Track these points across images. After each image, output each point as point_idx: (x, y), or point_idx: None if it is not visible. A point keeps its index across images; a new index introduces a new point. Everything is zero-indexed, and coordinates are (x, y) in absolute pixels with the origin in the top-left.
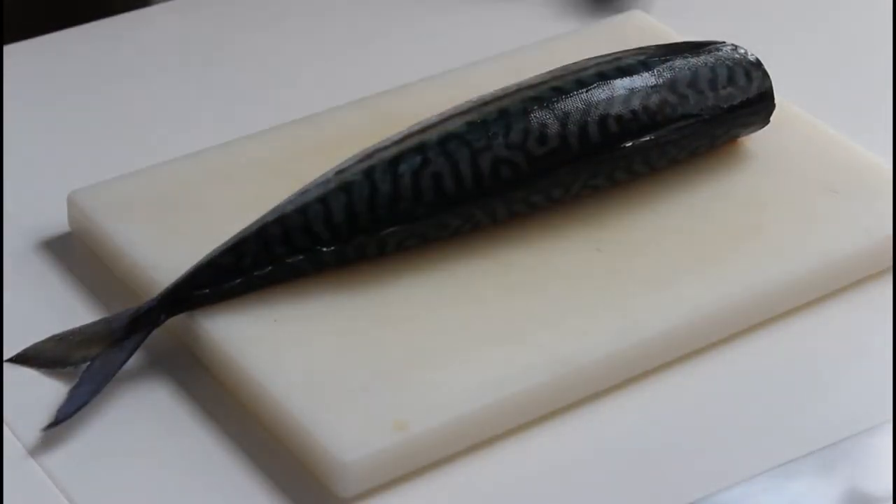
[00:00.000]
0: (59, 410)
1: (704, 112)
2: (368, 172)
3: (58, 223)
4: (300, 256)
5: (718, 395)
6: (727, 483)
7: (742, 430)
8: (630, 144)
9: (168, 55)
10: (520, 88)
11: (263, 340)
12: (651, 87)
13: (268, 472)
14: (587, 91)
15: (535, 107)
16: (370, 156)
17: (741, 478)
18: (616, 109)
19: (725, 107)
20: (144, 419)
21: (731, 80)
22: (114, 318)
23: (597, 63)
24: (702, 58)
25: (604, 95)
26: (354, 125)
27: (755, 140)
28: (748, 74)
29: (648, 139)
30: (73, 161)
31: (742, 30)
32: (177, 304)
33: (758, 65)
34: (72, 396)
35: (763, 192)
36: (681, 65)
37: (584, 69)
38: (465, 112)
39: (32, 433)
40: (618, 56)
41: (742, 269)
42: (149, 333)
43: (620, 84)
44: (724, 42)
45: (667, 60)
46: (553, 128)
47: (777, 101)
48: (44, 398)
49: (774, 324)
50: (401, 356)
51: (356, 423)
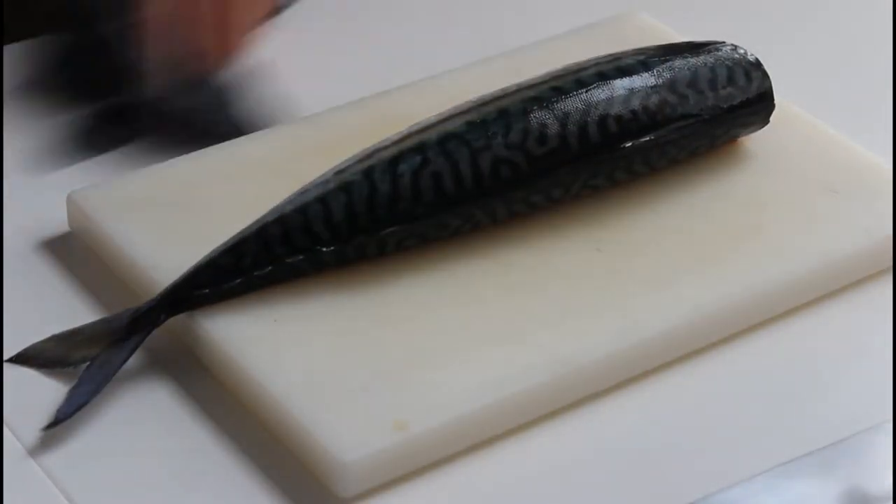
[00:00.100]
0: (59, 410)
1: (704, 112)
2: (368, 172)
3: (58, 223)
4: (300, 256)
5: (718, 395)
6: (727, 483)
7: (742, 430)
8: (630, 144)
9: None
10: (520, 88)
11: (263, 340)
12: (651, 88)
13: (268, 472)
14: (587, 91)
15: (535, 107)
16: (370, 156)
17: (741, 478)
18: (616, 109)
19: (725, 107)
20: (144, 419)
21: (731, 80)
22: (114, 318)
23: (597, 63)
24: (701, 58)
25: (604, 95)
26: (354, 125)
27: (755, 140)
28: (748, 74)
29: (648, 139)
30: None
31: (742, 30)
32: (177, 304)
33: (757, 65)
34: (72, 396)
35: (763, 192)
36: (681, 65)
37: (584, 69)
38: (465, 112)
39: (32, 433)
40: (618, 56)
41: (742, 269)
42: (149, 333)
43: (620, 84)
44: (724, 42)
45: (667, 60)
46: (553, 128)
47: (777, 101)
48: (44, 398)
49: (774, 324)
50: (401, 356)
51: (356, 423)
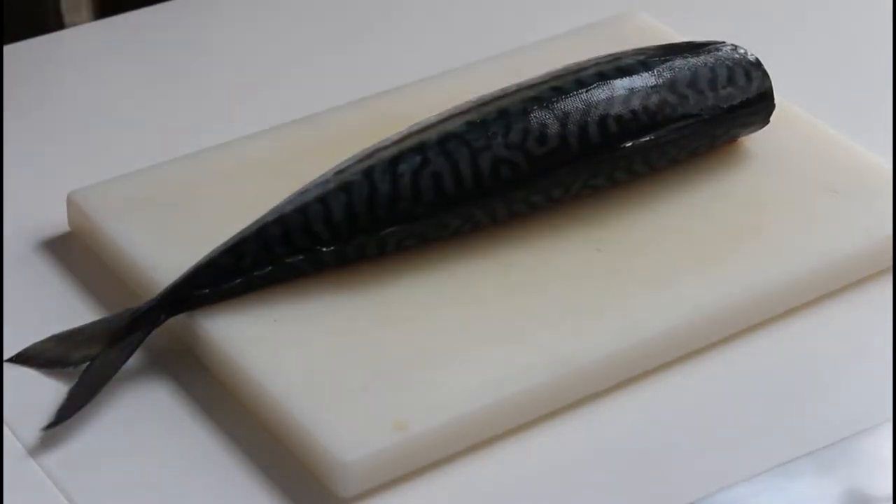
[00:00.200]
0: (59, 410)
1: (704, 112)
2: (368, 172)
3: (58, 223)
4: (300, 256)
5: (718, 395)
6: (727, 483)
7: (742, 430)
8: (630, 144)
9: (168, 55)
10: (520, 88)
11: (263, 340)
12: (651, 87)
13: (268, 472)
14: (587, 91)
15: (535, 107)
16: (370, 156)
17: (741, 478)
18: (616, 109)
19: (725, 107)
20: (144, 419)
21: (731, 80)
22: (114, 318)
23: (597, 63)
24: (702, 58)
25: (604, 95)
26: (354, 125)
27: (755, 140)
28: (748, 74)
29: (648, 139)
30: (73, 161)
31: (742, 30)
32: (177, 304)
33: (758, 65)
34: (72, 396)
35: (763, 192)
36: (681, 65)
37: (584, 69)
38: (465, 112)
39: (32, 433)
40: (618, 56)
41: (742, 269)
42: (149, 333)
43: (620, 84)
44: (724, 42)
45: (667, 60)
46: (553, 128)
47: (777, 101)
48: (44, 398)
49: (774, 324)
50: (401, 356)
51: (356, 423)
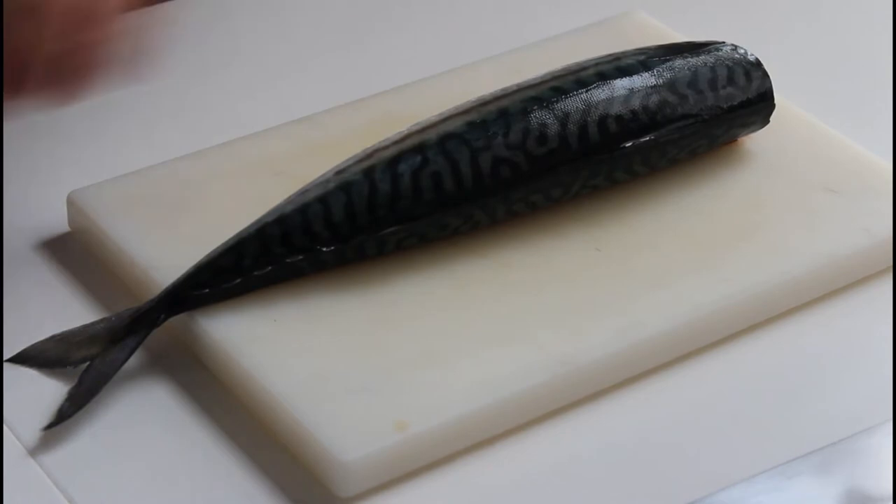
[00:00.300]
0: (59, 410)
1: (704, 112)
2: (368, 172)
3: (58, 223)
4: (300, 256)
5: (718, 395)
6: (727, 483)
7: (742, 430)
8: (630, 144)
9: (168, 55)
10: (520, 88)
11: (263, 340)
12: (651, 87)
13: (268, 472)
14: (587, 91)
15: (535, 107)
16: (370, 156)
17: (741, 478)
18: (616, 109)
19: (725, 107)
20: (144, 419)
21: (731, 81)
22: (114, 318)
23: (597, 63)
24: (702, 58)
25: (604, 95)
26: (354, 125)
27: (755, 140)
28: (748, 74)
29: (648, 139)
30: (73, 161)
31: (742, 30)
32: (177, 304)
33: (758, 65)
34: (72, 396)
35: (763, 192)
36: (681, 65)
37: (584, 69)
38: (465, 112)
39: (32, 433)
40: (618, 56)
41: (742, 269)
42: (149, 333)
43: (620, 84)
44: (724, 42)
45: (667, 60)
46: (553, 128)
47: (777, 101)
48: (44, 398)
49: (774, 324)
50: (401, 356)
51: (356, 423)
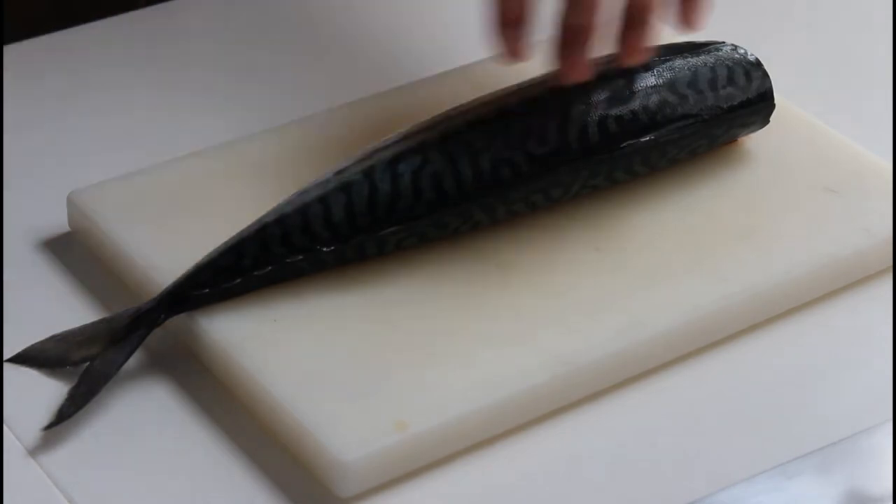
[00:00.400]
0: (59, 410)
1: (704, 112)
2: (368, 172)
3: (58, 223)
4: (300, 256)
5: (718, 395)
6: (727, 483)
7: (742, 430)
8: (630, 144)
9: (168, 55)
10: (520, 88)
11: (263, 340)
12: (651, 87)
13: (268, 472)
14: (587, 91)
15: (535, 107)
16: (370, 156)
17: (741, 478)
18: (616, 109)
19: (725, 107)
20: (144, 419)
21: (731, 80)
22: (114, 318)
23: (597, 63)
24: (702, 58)
25: (604, 95)
26: (354, 125)
27: (755, 140)
28: (748, 74)
29: (648, 139)
30: (73, 161)
31: (742, 30)
32: (177, 304)
33: (758, 65)
34: (72, 396)
35: (763, 192)
36: (681, 65)
37: None
38: (465, 112)
39: (32, 433)
40: (618, 56)
41: (742, 269)
42: (148, 333)
43: (620, 84)
44: (724, 42)
45: (667, 60)
46: (553, 128)
47: (777, 101)
48: (44, 398)
49: (774, 324)
50: (401, 356)
51: (356, 423)
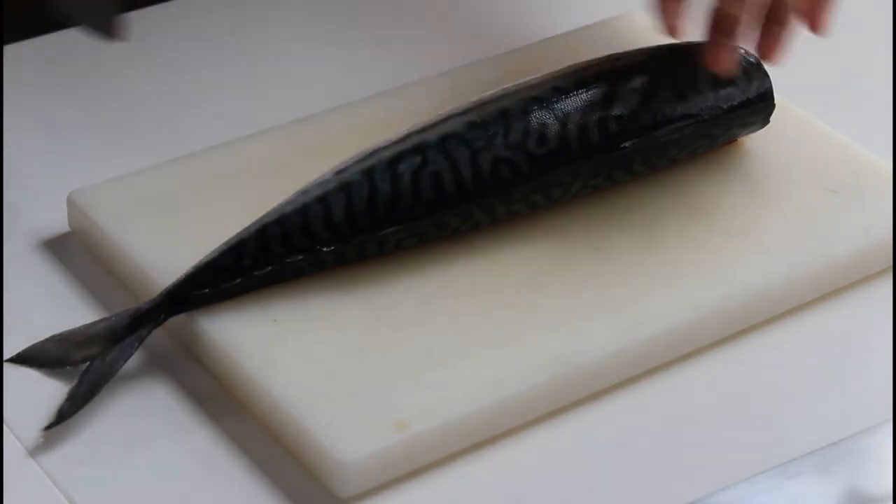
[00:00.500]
0: (59, 410)
1: (704, 112)
2: (368, 172)
3: (58, 223)
4: (300, 256)
5: (718, 395)
6: (727, 483)
7: (742, 430)
8: (630, 144)
9: (167, 55)
10: (520, 88)
11: (263, 340)
12: (651, 87)
13: (267, 472)
14: (587, 91)
15: (535, 107)
16: (370, 156)
17: (741, 478)
18: (616, 109)
19: (725, 107)
20: (144, 419)
21: (731, 81)
22: (114, 318)
23: (597, 63)
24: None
25: (604, 95)
26: (354, 125)
27: (755, 140)
28: (748, 74)
29: (648, 139)
30: (73, 161)
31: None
32: (177, 304)
33: (758, 65)
34: (72, 396)
35: (763, 192)
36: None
37: (585, 69)
38: (465, 112)
39: (32, 433)
40: (618, 56)
41: (742, 269)
42: (149, 333)
43: (620, 84)
44: None
45: (667, 60)
46: (553, 128)
47: (777, 101)
48: (44, 398)
49: (774, 324)
50: (401, 356)
51: (356, 423)
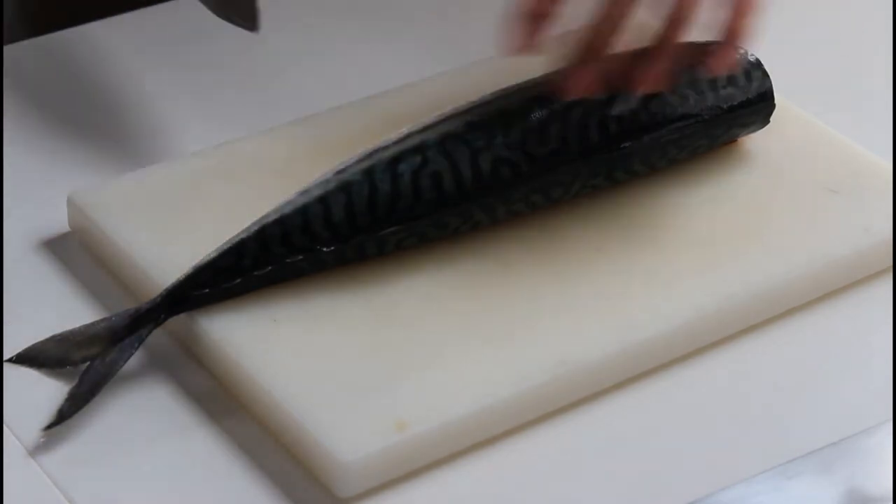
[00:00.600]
0: (59, 410)
1: (704, 112)
2: (368, 172)
3: (58, 223)
4: (300, 256)
5: (718, 395)
6: (727, 483)
7: (742, 430)
8: (630, 144)
9: (168, 55)
10: (520, 88)
11: (263, 340)
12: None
13: (268, 472)
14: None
15: (535, 107)
16: (370, 156)
17: (741, 478)
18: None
19: (725, 107)
20: (144, 419)
21: (731, 80)
22: (114, 318)
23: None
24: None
25: (604, 95)
26: (354, 125)
27: (755, 140)
28: (748, 74)
29: (648, 139)
30: (73, 161)
31: None
32: (177, 304)
33: (758, 65)
34: (72, 396)
35: (763, 192)
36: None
37: None
38: (465, 112)
39: (32, 433)
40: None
41: (742, 269)
42: (149, 333)
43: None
44: None
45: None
46: (553, 128)
47: (777, 101)
48: (44, 398)
49: (774, 324)
50: (401, 356)
51: (356, 423)
